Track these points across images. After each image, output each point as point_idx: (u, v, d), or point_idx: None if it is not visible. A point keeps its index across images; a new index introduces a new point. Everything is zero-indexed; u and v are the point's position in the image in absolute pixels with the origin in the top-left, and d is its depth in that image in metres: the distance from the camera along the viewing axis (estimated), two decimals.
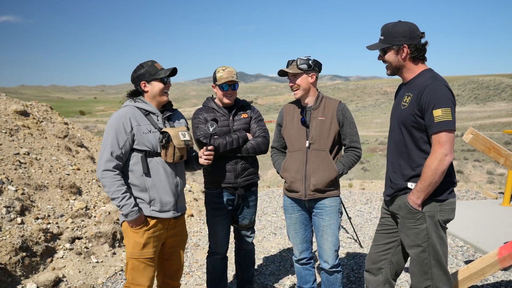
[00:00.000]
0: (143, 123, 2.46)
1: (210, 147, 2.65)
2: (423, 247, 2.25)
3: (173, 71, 2.53)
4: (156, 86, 2.49)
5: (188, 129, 2.69)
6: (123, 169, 2.46)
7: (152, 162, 2.46)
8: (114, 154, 2.36)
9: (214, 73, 3.08)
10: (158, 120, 2.52)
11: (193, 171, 2.85)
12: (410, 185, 2.27)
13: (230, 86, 3.01)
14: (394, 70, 2.33)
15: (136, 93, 2.55)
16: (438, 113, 2.09)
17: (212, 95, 3.20)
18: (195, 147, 3.01)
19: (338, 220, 2.88)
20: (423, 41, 2.26)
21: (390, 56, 2.28)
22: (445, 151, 2.09)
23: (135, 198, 2.46)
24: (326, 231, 2.83)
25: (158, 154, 2.47)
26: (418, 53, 2.25)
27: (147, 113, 2.50)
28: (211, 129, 2.69)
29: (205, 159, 2.63)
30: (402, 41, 2.22)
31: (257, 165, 3.18)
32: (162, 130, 2.45)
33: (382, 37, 2.29)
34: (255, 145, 3.03)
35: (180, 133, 2.47)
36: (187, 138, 2.51)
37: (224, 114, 3.07)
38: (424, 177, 2.15)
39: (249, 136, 3.08)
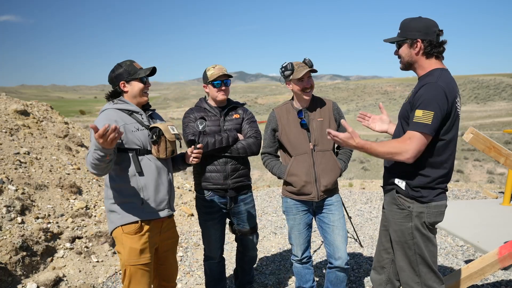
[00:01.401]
0: (130, 122, 2.40)
1: (199, 145, 2.56)
2: (408, 244, 2.26)
3: (153, 71, 2.48)
4: (136, 86, 2.44)
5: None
6: (112, 175, 2.39)
7: (143, 160, 2.39)
8: None
9: (204, 73, 3.03)
10: (143, 119, 2.47)
11: (179, 171, 2.77)
12: (397, 181, 2.27)
13: (222, 82, 2.98)
14: (406, 65, 2.30)
15: (116, 94, 2.47)
16: (419, 114, 2.05)
17: (205, 96, 3.15)
18: (183, 146, 2.97)
19: (344, 216, 2.95)
20: (441, 39, 2.22)
21: (404, 50, 2.26)
22: (408, 148, 2.05)
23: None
24: (337, 225, 2.87)
25: (149, 152, 2.41)
26: (432, 49, 2.21)
27: (130, 112, 2.44)
28: (200, 127, 2.65)
29: (194, 157, 2.54)
30: (416, 36, 2.20)
31: (249, 167, 3.12)
32: (152, 126, 2.41)
33: (399, 31, 2.27)
34: (246, 146, 2.96)
35: (169, 127, 2.43)
36: (176, 132, 2.47)
37: (215, 114, 3.02)
38: (379, 146, 2.10)
39: (240, 136, 3.02)
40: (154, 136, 2.36)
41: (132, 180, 2.37)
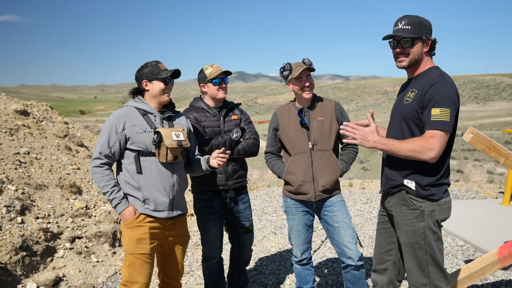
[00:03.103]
0: (139, 123, 2.48)
1: (228, 152, 2.60)
2: (420, 245, 2.25)
3: (176, 72, 2.55)
4: (157, 85, 2.51)
5: (189, 130, 2.66)
6: (120, 167, 2.53)
7: (146, 161, 2.47)
8: (103, 154, 2.45)
9: (201, 73, 3.02)
10: (155, 120, 2.53)
11: (199, 174, 2.76)
12: (406, 182, 2.25)
13: (222, 80, 2.98)
14: (413, 62, 2.26)
15: (138, 91, 2.60)
16: (436, 112, 2.07)
17: (200, 95, 3.14)
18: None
19: (349, 214, 2.91)
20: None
21: (418, 47, 2.22)
22: (432, 147, 2.06)
23: (131, 196, 2.50)
24: (342, 226, 2.83)
25: (153, 154, 2.47)
26: (434, 49, 2.27)
27: (144, 113, 2.52)
28: (234, 135, 2.73)
29: (219, 161, 2.54)
30: (428, 34, 2.21)
31: (246, 168, 3.14)
32: (156, 130, 2.46)
33: (409, 27, 2.19)
34: (246, 147, 2.99)
35: (173, 133, 2.46)
36: (181, 138, 2.49)
37: (214, 114, 3.01)
38: (401, 144, 2.11)
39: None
40: (156, 140, 2.43)
41: (135, 178, 2.48)
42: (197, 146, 2.81)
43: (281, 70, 2.83)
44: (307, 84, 2.79)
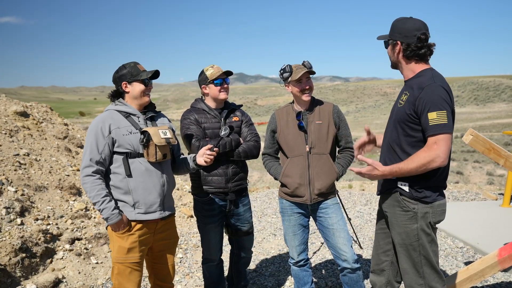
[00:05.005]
0: (123, 125, 2.46)
1: (216, 149, 2.61)
2: (413, 246, 2.26)
3: (155, 74, 2.54)
4: (137, 87, 2.49)
5: (172, 130, 2.65)
6: (106, 172, 2.47)
7: (134, 163, 2.45)
8: (94, 160, 2.38)
9: (202, 74, 3.01)
10: (139, 121, 2.52)
11: (186, 172, 2.80)
12: (400, 183, 2.27)
13: (224, 80, 2.98)
14: (393, 64, 2.36)
15: (117, 94, 2.56)
16: (433, 116, 2.06)
17: (202, 97, 3.13)
18: (184, 150, 2.97)
19: (344, 217, 2.91)
20: (430, 41, 2.22)
21: (389, 50, 2.32)
22: (439, 153, 2.06)
23: (120, 201, 2.45)
24: (336, 228, 2.84)
25: (141, 155, 2.46)
26: (411, 53, 2.21)
27: (127, 115, 2.51)
28: (222, 132, 2.71)
29: (206, 158, 2.58)
30: (397, 37, 2.22)
31: (247, 170, 3.13)
32: (142, 130, 2.45)
33: (390, 30, 2.31)
34: (247, 149, 2.97)
35: (160, 131, 2.46)
36: (168, 136, 2.49)
37: (215, 116, 3.00)
38: (408, 164, 2.11)
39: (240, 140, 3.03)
40: (143, 140, 2.42)
41: (123, 182, 2.44)
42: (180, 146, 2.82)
43: (281, 71, 2.84)
44: (306, 86, 2.80)
